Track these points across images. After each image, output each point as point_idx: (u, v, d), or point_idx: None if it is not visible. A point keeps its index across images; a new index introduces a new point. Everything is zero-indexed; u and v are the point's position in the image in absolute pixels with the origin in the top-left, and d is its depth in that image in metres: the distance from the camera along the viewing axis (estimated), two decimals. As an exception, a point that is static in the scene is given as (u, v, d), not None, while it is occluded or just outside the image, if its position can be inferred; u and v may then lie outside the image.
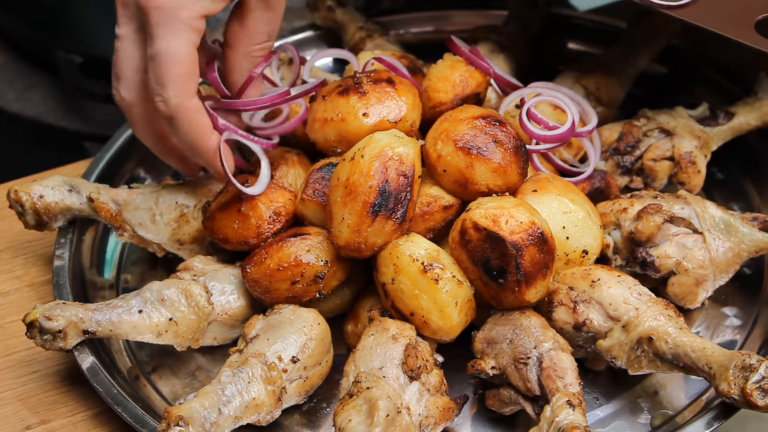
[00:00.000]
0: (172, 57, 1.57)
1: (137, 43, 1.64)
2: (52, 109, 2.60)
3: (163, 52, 1.57)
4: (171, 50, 1.57)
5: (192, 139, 1.66)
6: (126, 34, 1.64)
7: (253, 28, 1.70)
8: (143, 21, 1.58)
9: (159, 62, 1.57)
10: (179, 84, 1.59)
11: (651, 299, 1.63)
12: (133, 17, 1.61)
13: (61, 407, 1.76)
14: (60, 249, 1.91)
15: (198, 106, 1.64)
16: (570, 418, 1.48)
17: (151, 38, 1.57)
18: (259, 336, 1.67)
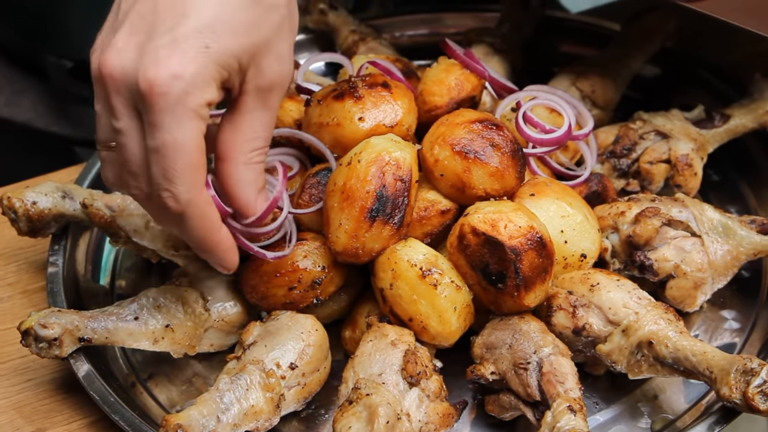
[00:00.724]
0: (180, 148, 1.38)
1: (142, 134, 1.42)
2: (43, 115, 2.58)
3: (170, 143, 1.37)
4: (179, 141, 1.37)
5: (202, 235, 1.49)
6: (127, 127, 1.41)
7: (250, 133, 1.49)
8: (142, 109, 1.38)
9: (165, 154, 1.38)
10: (189, 177, 1.40)
11: (650, 303, 1.62)
12: (131, 106, 1.40)
13: (56, 415, 1.74)
14: (54, 256, 1.90)
15: (209, 199, 1.47)
16: (572, 424, 1.47)
17: (154, 128, 1.37)
18: (256, 343, 1.66)
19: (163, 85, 1.34)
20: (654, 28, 2.16)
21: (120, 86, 1.38)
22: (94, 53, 1.42)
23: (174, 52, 1.35)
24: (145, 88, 1.34)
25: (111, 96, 1.39)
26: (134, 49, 1.37)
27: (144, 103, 1.36)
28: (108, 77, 1.38)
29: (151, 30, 1.37)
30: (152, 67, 1.34)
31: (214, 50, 1.37)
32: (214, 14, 1.37)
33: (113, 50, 1.38)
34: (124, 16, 1.40)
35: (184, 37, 1.35)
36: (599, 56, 2.16)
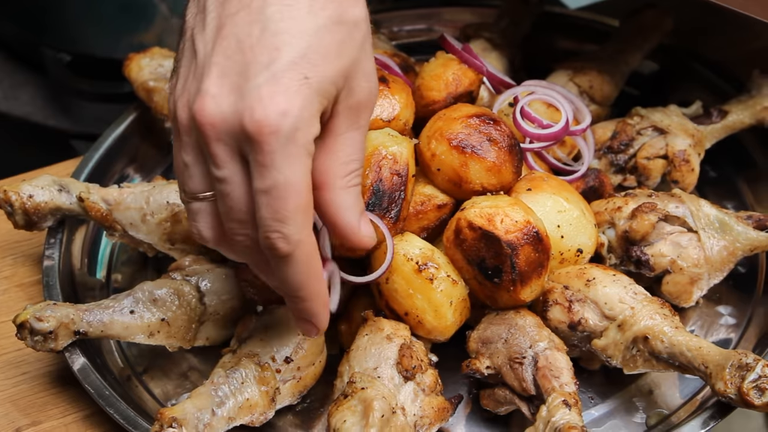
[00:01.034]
0: (291, 188, 1.31)
1: (245, 181, 1.35)
2: (41, 108, 2.58)
3: (282, 183, 1.30)
4: (290, 180, 1.30)
5: (305, 281, 1.40)
6: (232, 174, 1.34)
7: (344, 156, 1.40)
8: (248, 151, 1.31)
9: (277, 195, 1.31)
10: (300, 217, 1.33)
11: (646, 298, 1.62)
12: (235, 152, 1.33)
13: (52, 409, 1.74)
14: (50, 249, 1.89)
15: (315, 242, 1.39)
16: (566, 418, 1.47)
17: (264, 168, 1.30)
18: (252, 336, 1.66)
19: (273, 124, 1.28)
20: (652, 24, 2.16)
21: (221, 133, 1.32)
22: (178, 101, 1.37)
23: (276, 88, 1.29)
24: (253, 130, 1.28)
25: (212, 145, 1.32)
26: (231, 93, 1.31)
27: (252, 145, 1.29)
28: (208, 126, 1.31)
29: (244, 70, 1.31)
30: (258, 107, 1.28)
31: (314, 80, 1.31)
32: (305, 43, 1.31)
33: (207, 97, 1.31)
34: (206, 60, 1.34)
35: (282, 71, 1.29)
36: (597, 52, 2.15)
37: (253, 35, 1.31)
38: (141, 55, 2.16)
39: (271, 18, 1.31)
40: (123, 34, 2.52)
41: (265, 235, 1.34)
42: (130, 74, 2.14)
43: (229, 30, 1.33)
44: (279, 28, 1.31)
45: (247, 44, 1.31)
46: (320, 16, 1.32)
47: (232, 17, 1.33)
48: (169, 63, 2.14)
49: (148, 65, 2.14)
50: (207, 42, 1.35)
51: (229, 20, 1.33)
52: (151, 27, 2.53)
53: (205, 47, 1.35)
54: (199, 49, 1.36)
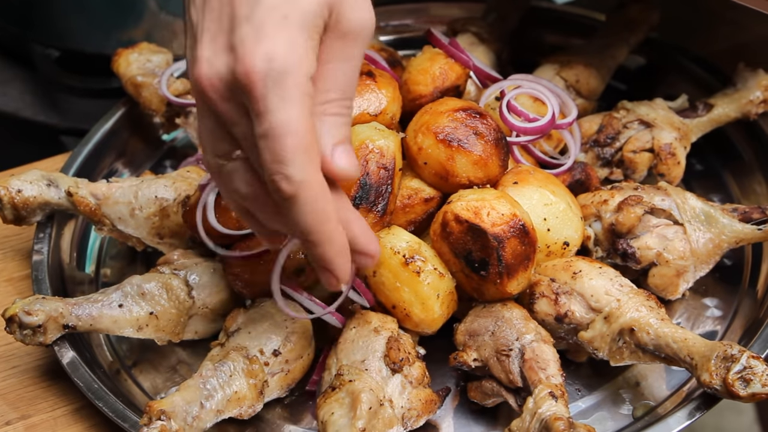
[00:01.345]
0: (288, 129, 1.29)
1: None
2: (30, 104, 2.58)
3: (277, 125, 1.29)
4: (285, 121, 1.29)
5: (314, 223, 1.36)
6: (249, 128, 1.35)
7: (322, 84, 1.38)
8: (246, 102, 1.32)
9: (274, 137, 1.30)
10: (302, 157, 1.31)
11: (632, 290, 1.63)
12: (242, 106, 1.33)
13: (41, 402, 1.75)
14: (39, 244, 1.90)
15: (323, 182, 1.35)
16: (553, 410, 1.48)
17: (259, 115, 1.30)
18: (240, 330, 1.66)
19: (259, 71, 1.28)
20: (638, 18, 2.17)
21: (224, 92, 1.33)
22: (190, 75, 1.38)
23: (258, 35, 1.29)
24: (243, 80, 1.29)
25: (219, 105, 1.34)
26: (221, 52, 1.32)
27: (246, 94, 1.30)
28: (209, 88, 1.33)
29: (229, 27, 1.32)
30: (245, 57, 1.29)
31: (295, 17, 1.30)
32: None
33: (202, 62, 1.33)
34: (197, 27, 1.36)
35: (262, 18, 1.30)
36: (584, 46, 2.16)
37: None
38: (129, 50, 2.16)
39: None
40: (111, 30, 2.52)
41: (269, 179, 1.33)
42: (119, 69, 2.14)
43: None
44: None
45: (228, 3, 1.33)
46: None
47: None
48: (157, 58, 2.14)
49: (137, 60, 2.14)
50: (198, 11, 1.36)
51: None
52: (140, 22, 2.53)
53: (197, 16, 1.36)
54: (193, 19, 1.37)
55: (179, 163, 2.10)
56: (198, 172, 1.91)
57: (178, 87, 2.09)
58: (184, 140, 2.25)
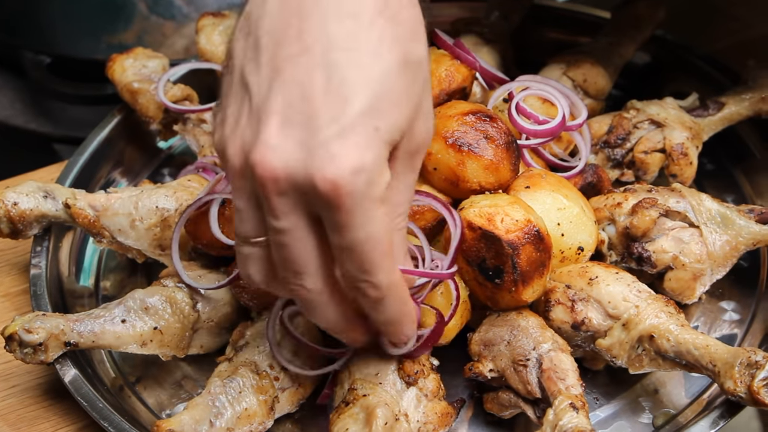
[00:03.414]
0: (374, 242, 1.27)
1: (311, 232, 1.30)
2: (21, 112, 2.55)
3: (363, 239, 1.26)
4: (372, 235, 1.27)
5: (398, 310, 1.40)
6: (293, 226, 1.28)
7: (395, 198, 1.34)
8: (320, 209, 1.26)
9: (360, 251, 1.27)
10: (387, 263, 1.30)
11: (651, 296, 1.59)
12: (296, 206, 1.27)
13: (43, 422, 1.70)
14: (36, 257, 1.85)
15: (401, 277, 1.37)
16: (574, 422, 1.44)
17: (343, 228, 1.26)
18: (248, 344, 1.62)
19: (347, 184, 1.21)
20: (645, 15, 2.13)
21: (285, 187, 1.25)
22: (229, 143, 1.29)
23: (347, 143, 1.22)
24: (326, 190, 1.22)
25: (272, 198, 1.26)
26: (296, 147, 1.23)
27: (326, 204, 1.24)
28: (270, 180, 1.24)
29: (310, 122, 1.23)
30: (330, 166, 1.21)
31: (384, 130, 1.25)
32: (374, 91, 1.24)
33: (269, 149, 1.24)
34: (263, 105, 1.26)
35: (351, 125, 1.22)
36: (590, 45, 2.12)
37: (317, 84, 1.23)
38: (124, 55, 2.11)
39: (336, 64, 1.24)
40: (102, 34, 2.49)
41: (352, 285, 1.31)
42: (114, 76, 2.10)
43: (289, 75, 1.25)
44: (345, 76, 1.23)
45: (311, 93, 1.23)
46: (387, 60, 1.25)
47: (292, 61, 1.25)
48: (153, 64, 2.10)
49: (132, 66, 2.09)
50: (262, 83, 1.27)
51: (288, 64, 1.25)
52: (130, 26, 2.51)
53: (260, 89, 1.27)
54: (253, 89, 1.28)
55: (178, 171, 2.07)
56: (199, 180, 1.87)
57: (175, 93, 2.04)
58: (182, 147, 2.21)
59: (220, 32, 2.16)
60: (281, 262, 1.33)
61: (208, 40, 2.15)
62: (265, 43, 1.28)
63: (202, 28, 2.17)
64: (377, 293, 1.33)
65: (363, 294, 1.33)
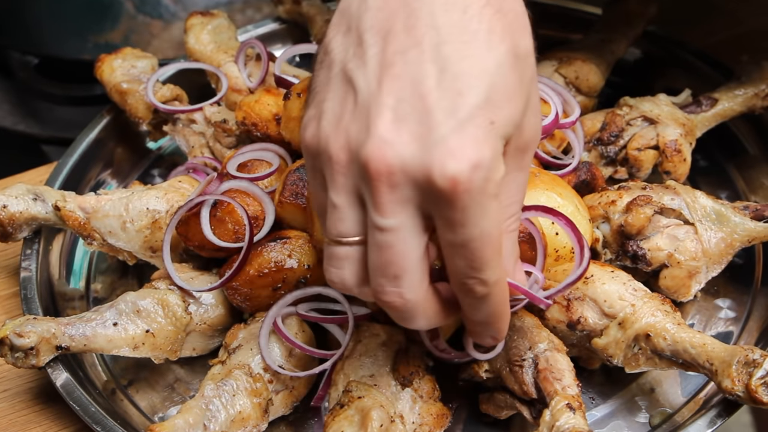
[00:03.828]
0: (487, 239, 1.24)
1: (417, 232, 1.26)
2: (9, 113, 2.53)
3: (478, 236, 1.23)
4: (485, 231, 1.23)
5: (500, 310, 1.36)
6: (400, 224, 1.24)
7: (506, 198, 1.32)
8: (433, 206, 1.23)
9: (474, 248, 1.24)
10: (497, 260, 1.27)
11: (647, 294, 1.58)
12: (406, 203, 1.23)
13: (35, 427, 1.69)
14: (26, 260, 1.84)
15: (506, 277, 1.35)
16: (571, 422, 1.43)
17: (457, 225, 1.22)
18: (242, 346, 1.61)
19: (466, 180, 1.19)
20: (637, 11, 2.12)
21: (399, 183, 1.22)
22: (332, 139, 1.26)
23: (464, 138, 1.19)
24: (445, 186, 1.19)
25: (382, 193, 1.22)
26: (412, 142, 1.20)
27: (442, 200, 1.21)
28: (384, 175, 1.21)
29: (425, 117, 1.20)
30: (449, 161, 1.19)
31: (499, 124, 1.22)
32: (488, 84, 1.21)
33: (384, 144, 1.21)
34: (372, 100, 1.23)
35: (468, 119, 1.20)
36: (582, 42, 2.12)
37: (431, 77, 1.21)
38: (113, 56, 2.09)
39: (449, 58, 1.21)
40: (89, 34, 2.48)
41: (461, 282, 1.28)
42: (102, 76, 2.08)
43: (400, 69, 1.22)
44: (459, 69, 1.21)
45: (425, 87, 1.21)
46: (499, 51, 1.22)
47: (402, 55, 1.22)
48: (142, 64, 2.08)
49: (121, 66, 2.08)
50: (370, 79, 1.24)
51: (398, 58, 1.23)
52: (117, 25, 2.50)
53: (369, 85, 1.24)
54: (359, 85, 1.25)
55: (168, 172, 2.06)
56: (190, 181, 1.85)
57: (165, 93, 2.02)
58: (171, 148, 2.20)
59: (208, 31, 2.15)
60: (380, 264, 1.28)
61: (197, 40, 2.13)
62: (370, 39, 1.25)
63: (191, 27, 2.15)
64: (484, 290, 1.29)
65: (469, 291, 1.29)
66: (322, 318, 1.63)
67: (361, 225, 1.28)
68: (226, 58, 2.09)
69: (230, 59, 2.09)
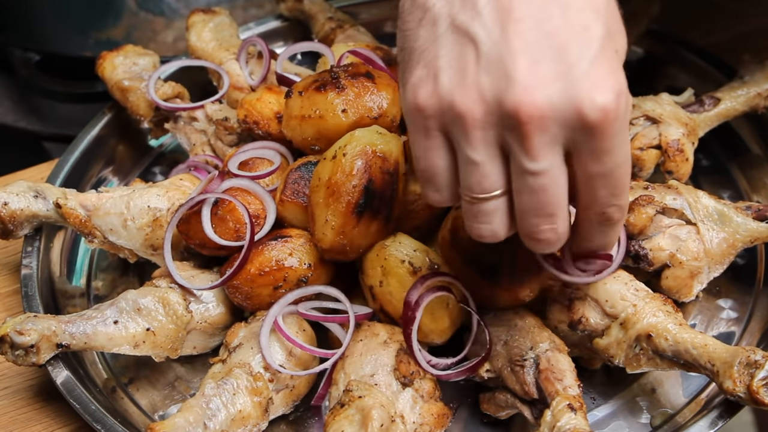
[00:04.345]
0: (628, 164, 1.31)
1: (564, 168, 1.29)
2: (10, 110, 2.53)
3: (622, 161, 1.29)
4: (626, 156, 1.29)
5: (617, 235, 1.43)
6: (552, 165, 1.27)
7: None
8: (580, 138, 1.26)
9: (618, 174, 1.30)
10: (628, 184, 1.35)
11: (648, 295, 1.58)
12: (555, 143, 1.26)
13: (35, 425, 1.69)
14: (27, 258, 1.84)
15: None
16: (572, 423, 1.43)
17: (603, 154, 1.26)
18: (242, 345, 1.60)
19: (613, 109, 1.23)
20: (639, 10, 2.12)
21: (549, 124, 1.24)
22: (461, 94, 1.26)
23: (602, 69, 1.23)
24: (596, 117, 1.22)
25: (533, 138, 1.24)
26: (554, 80, 1.23)
27: (591, 132, 1.24)
28: (536, 119, 1.23)
29: (560, 55, 1.23)
30: (597, 93, 1.22)
31: (621, 52, 1.30)
32: (605, 17, 1.27)
33: (527, 87, 1.23)
34: (500, 48, 1.24)
35: (600, 51, 1.24)
36: (584, 40, 2.11)
37: (555, 15, 1.24)
38: (114, 53, 2.09)
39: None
40: (90, 31, 2.48)
41: (601, 211, 1.34)
42: (104, 73, 2.08)
43: (522, 12, 1.24)
44: (579, 5, 1.25)
45: (553, 27, 1.24)
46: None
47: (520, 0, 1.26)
48: (143, 61, 2.08)
49: (122, 64, 2.08)
50: (491, 28, 1.25)
51: (516, 2, 1.25)
52: (119, 22, 2.49)
53: (491, 34, 1.25)
54: (479, 36, 1.26)
55: (169, 170, 2.06)
56: (191, 179, 1.85)
57: (166, 91, 2.02)
58: (173, 145, 2.20)
59: (210, 29, 2.14)
60: (535, 207, 1.30)
61: (199, 37, 2.13)
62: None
63: (193, 25, 2.15)
64: (620, 215, 1.36)
65: (608, 219, 1.36)
66: (323, 317, 1.63)
67: (504, 176, 1.31)
68: (227, 55, 2.09)
69: (232, 57, 2.08)
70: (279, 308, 1.61)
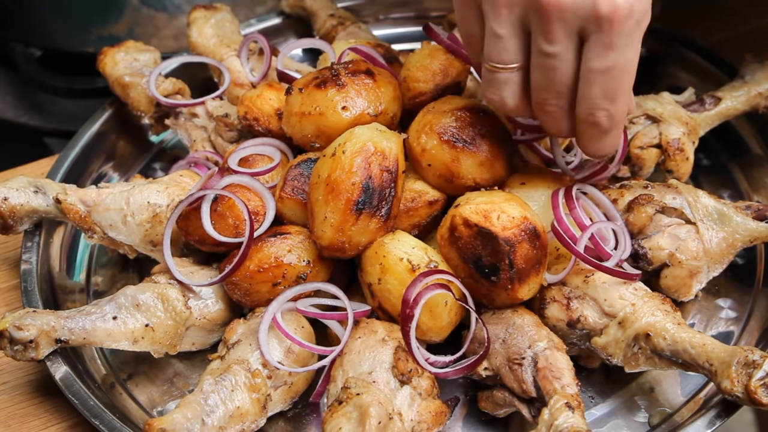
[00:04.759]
0: (627, 68, 1.45)
1: (575, 55, 1.46)
2: (11, 105, 2.53)
3: (621, 64, 1.44)
4: (628, 61, 1.44)
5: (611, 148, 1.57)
6: (564, 50, 1.45)
7: None
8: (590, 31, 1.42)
9: (613, 75, 1.44)
10: (627, 95, 1.50)
11: (647, 294, 1.58)
12: (569, 31, 1.43)
13: (33, 419, 1.69)
14: (27, 253, 1.84)
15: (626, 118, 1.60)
16: (570, 421, 1.43)
17: (606, 49, 1.42)
18: (241, 341, 1.60)
19: (626, 7, 1.39)
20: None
21: (567, 13, 1.41)
22: None
23: None
24: (607, 10, 1.39)
25: (552, 23, 1.42)
26: None
27: (600, 25, 1.40)
28: (555, 6, 1.41)
29: None
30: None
31: None
32: None
33: None
34: None
35: None
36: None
37: None
38: (115, 49, 2.09)
39: None
40: (92, 27, 2.47)
41: (590, 111, 1.48)
42: (105, 69, 2.08)
43: None
44: None
45: None
46: None
47: None
48: (144, 57, 2.08)
49: (123, 60, 2.08)
50: None
51: None
52: (121, 18, 2.49)
53: None
54: None
55: (169, 165, 2.06)
56: (191, 176, 1.85)
57: (167, 87, 2.02)
58: (173, 141, 2.20)
59: (211, 25, 2.14)
60: (545, 83, 1.50)
61: (200, 34, 2.13)
62: None
63: (194, 21, 2.15)
64: (608, 123, 1.50)
65: (594, 122, 1.50)
66: (322, 314, 1.63)
67: (522, 52, 1.50)
68: (228, 52, 2.09)
69: (233, 53, 2.09)
70: (278, 305, 1.61)
